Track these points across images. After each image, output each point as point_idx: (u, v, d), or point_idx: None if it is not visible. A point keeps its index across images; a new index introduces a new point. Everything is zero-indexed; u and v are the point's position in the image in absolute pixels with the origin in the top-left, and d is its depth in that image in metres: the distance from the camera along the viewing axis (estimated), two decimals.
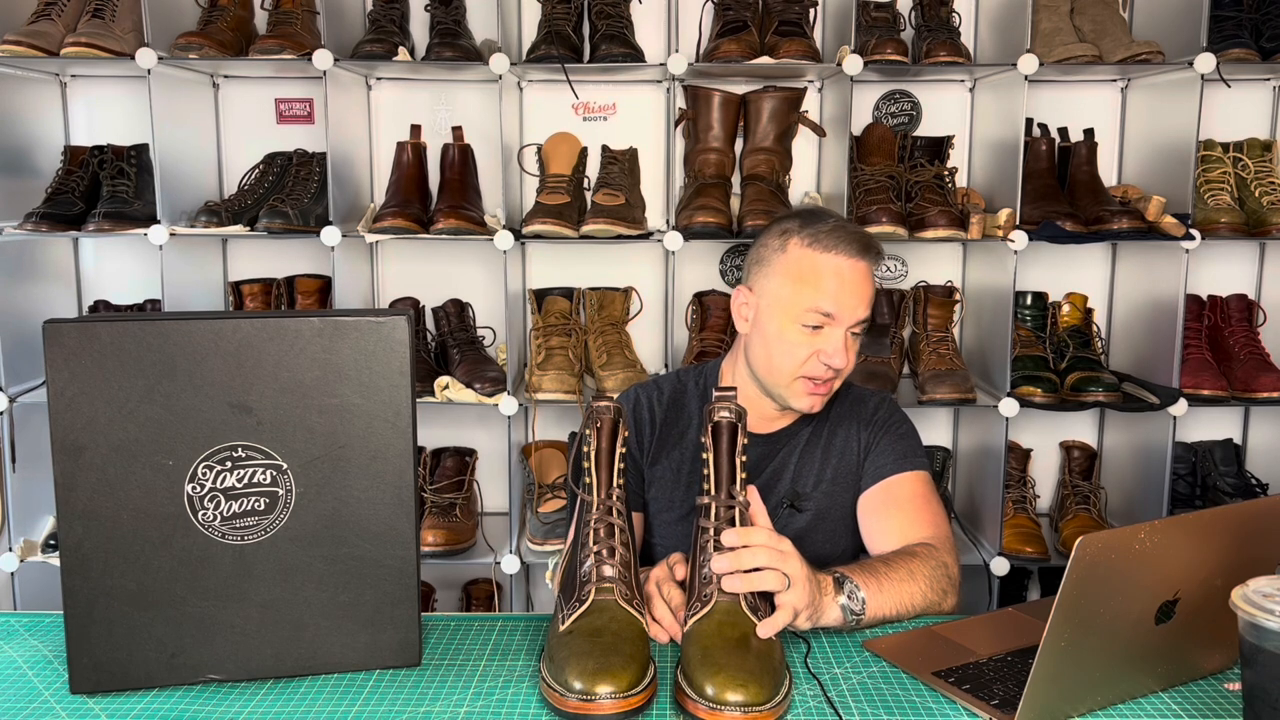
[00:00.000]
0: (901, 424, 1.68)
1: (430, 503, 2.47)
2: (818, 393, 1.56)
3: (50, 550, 2.45)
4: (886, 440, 1.65)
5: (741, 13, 2.41)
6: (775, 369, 1.56)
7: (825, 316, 1.52)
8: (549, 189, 2.46)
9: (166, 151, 2.38)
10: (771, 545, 1.24)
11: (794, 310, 1.53)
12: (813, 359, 1.53)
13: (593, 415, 1.31)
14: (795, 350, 1.53)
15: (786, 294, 1.54)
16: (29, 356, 2.44)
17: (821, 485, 1.64)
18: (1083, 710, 1.16)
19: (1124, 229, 2.35)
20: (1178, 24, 2.39)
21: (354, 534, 1.24)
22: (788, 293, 1.54)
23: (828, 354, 1.52)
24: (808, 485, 1.65)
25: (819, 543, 1.62)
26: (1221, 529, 1.18)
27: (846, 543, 1.67)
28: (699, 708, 1.11)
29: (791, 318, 1.53)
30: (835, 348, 1.52)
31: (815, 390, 1.56)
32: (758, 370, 1.60)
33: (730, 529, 1.24)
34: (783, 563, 1.24)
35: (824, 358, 1.52)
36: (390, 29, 2.42)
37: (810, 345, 1.53)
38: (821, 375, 1.54)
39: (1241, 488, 2.56)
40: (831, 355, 1.52)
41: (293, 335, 1.20)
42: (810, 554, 1.57)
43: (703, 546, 1.25)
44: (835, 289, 1.52)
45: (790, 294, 1.54)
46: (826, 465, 1.65)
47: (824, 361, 1.52)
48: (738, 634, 1.17)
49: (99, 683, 1.21)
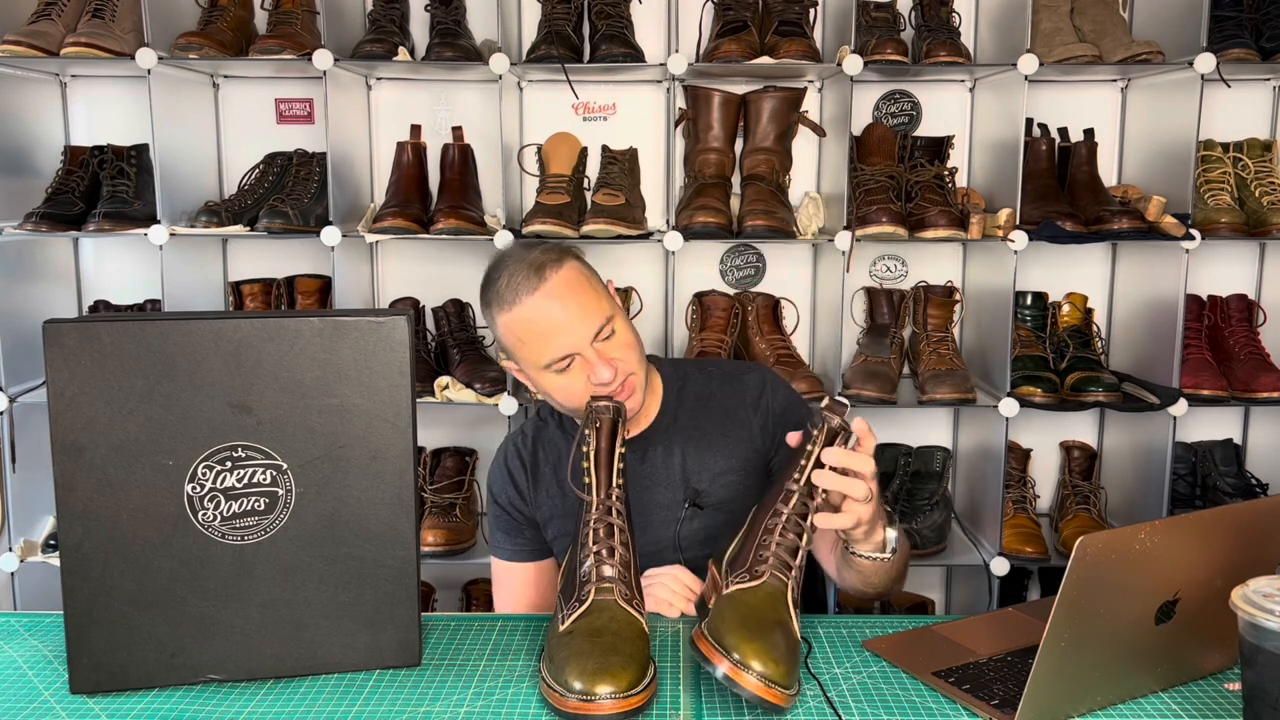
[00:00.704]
0: (797, 409, 1.65)
1: (430, 503, 2.47)
2: (624, 397, 1.51)
3: (50, 550, 2.45)
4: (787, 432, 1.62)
5: (741, 13, 2.41)
6: (574, 409, 1.53)
7: (561, 360, 1.49)
8: (549, 189, 2.46)
9: (166, 151, 2.38)
10: (872, 462, 1.29)
11: (539, 368, 1.51)
12: (588, 388, 1.49)
13: (592, 415, 1.31)
14: (570, 391, 1.50)
15: (523, 357, 1.52)
16: (29, 356, 2.44)
17: (720, 478, 1.60)
18: (1083, 710, 1.16)
19: (1124, 229, 2.35)
20: (1178, 24, 2.39)
21: (354, 534, 1.24)
22: (523, 356, 1.52)
23: (596, 376, 1.48)
24: (703, 481, 1.60)
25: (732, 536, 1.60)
26: (1221, 529, 1.18)
27: None
28: (724, 661, 1.11)
29: (541, 374, 1.51)
30: (596, 368, 1.48)
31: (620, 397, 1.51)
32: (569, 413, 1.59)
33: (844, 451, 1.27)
34: (871, 479, 1.29)
35: (595, 379, 1.48)
36: (390, 29, 2.42)
37: (578, 378, 1.50)
38: (609, 389, 1.50)
39: (1241, 488, 2.56)
40: (598, 373, 1.48)
41: (293, 335, 1.20)
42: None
43: (769, 528, 1.24)
44: (547, 331, 1.48)
45: (525, 356, 1.52)
46: (719, 455, 1.61)
47: (595, 383, 1.49)
48: (775, 617, 1.17)
49: (99, 683, 1.21)
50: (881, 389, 2.37)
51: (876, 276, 2.71)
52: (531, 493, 1.65)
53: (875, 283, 2.70)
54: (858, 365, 2.48)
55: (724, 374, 1.69)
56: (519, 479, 1.66)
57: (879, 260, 2.70)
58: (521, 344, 1.51)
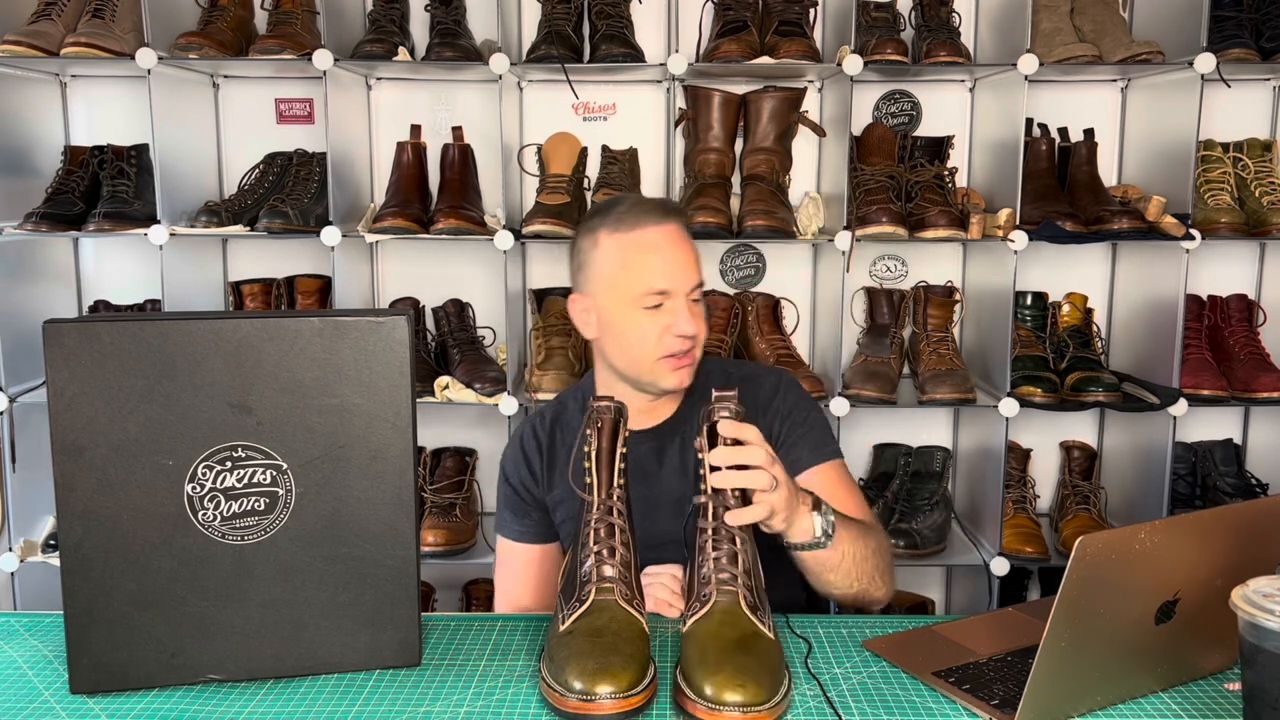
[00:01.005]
0: (806, 410, 1.65)
1: (430, 503, 2.47)
2: (682, 365, 1.55)
3: (50, 550, 2.45)
4: (797, 433, 1.62)
5: (741, 13, 2.41)
6: (635, 359, 1.56)
7: (660, 294, 1.52)
8: (549, 189, 2.46)
9: (166, 151, 2.38)
10: (764, 446, 1.28)
11: (630, 297, 1.53)
12: (665, 336, 1.52)
13: (593, 415, 1.31)
14: (645, 334, 1.53)
15: (617, 284, 1.54)
16: (29, 356, 2.44)
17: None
18: (1083, 710, 1.16)
19: (1124, 229, 2.35)
20: (1178, 24, 2.39)
21: (354, 534, 1.24)
22: (618, 283, 1.54)
23: (677, 326, 1.51)
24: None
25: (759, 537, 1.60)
26: (1221, 529, 1.18)
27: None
28: (698, 708, 1.11)
29: (630, 305, 1.53)
30: (682, 317, 1.51)
31: (679, 364, 1.55)
32: (619, 366, 1.59)
33: (727, 421, 1.26)
34: (771, 464, 1.28)
35: (675, 330, 1.51)
36: (390, 29, 2.43)
37: (658, 323, 1.52)
38: (679, 349, 1.53)
39: (1241, 488, 2.56)
40: (682, 325, 1.51)
41: (293, 335, 1.20)
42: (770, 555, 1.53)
43: (700, 547, 1.25)
44: (659, 262, 1.52)
45: (620, 283, 1.54)
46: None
47: (676, 334, 1.52)
48: (737, 634, 1.16)
49: (99, 683, 1.21)
50: (881, 389, 2.38)
51: (876, 276, 2.71)
52: (545, 475, 1.66)
53: (875, 283, 2.70)
54: (858, 365, 2.48)
55: (743, 374, 1.69)
56: (533, 461, 1.66)
57: (879, 260, 2.70)
58: (624, 269, 1.53)
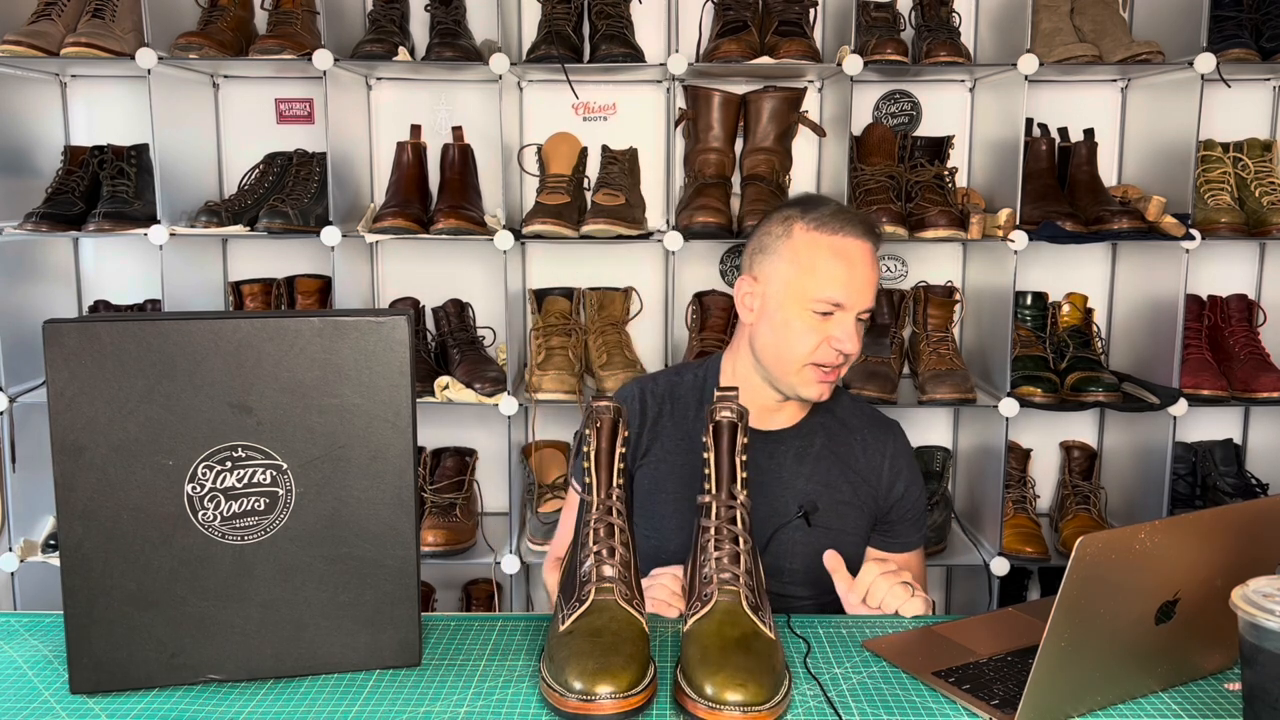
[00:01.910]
0: (919, 484, 1.71)
1: (430, 503, 2.47)
2: (827, 380, 1.56)
3: (50, 550, 2.45)
4: (912, 512, 1.69)
5: (741, 13, 2.41)
6: (785, 357, 1.55)
7: (835, 305, 1.52)
8: (549, 189, 2.46)
9: (166, 151, 2.38)
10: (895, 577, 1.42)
11: (804, 297, 1.52)
12: (823, 345, 1.52)
13: (593, 415, 1.31)
14: (806, 337, 1.53)
15: (795, 280, 1.53)
16: (29, 356, 2.44)
17: (839, 507, 1.62)
18: (1083, 710, 1.16)
19: (1124, 229, 2.35)
20: (1178, 24, 2.39)
21: (354, 534, 1.24)
22: (796, 279, 1.53)
23: (839, 339, 1.51)
24: (823, 501, 1.61)
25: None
26: (1221, 529, 1.18)
27: (855, 568, 1.66)
28: (698, 707, 1.11)
29: (802, 304, 1.52)
30: (846, 333, 1.51)
31: (825, 378, 1.55)
32: (764, 359, 1.59)
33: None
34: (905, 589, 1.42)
35: (835, 344, 1.52)
36: (390, 29, 2.42)
37: (820, 332, 1.52)
38: (832, 362, 1.53)
39: (1241, 488, 2.56)
40: (843, 341, 1.51)
41: (293, 335, 1.20)
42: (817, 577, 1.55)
43: (703, 546, 1.25)
44: (845, 274, 1.52)
45: (800, 280, 1.53)
46: (844, 482, 1.64)
47: (835, 348, 1.52)
48: (737, 634, 1.16)
49: (99, 683, 1.21)
50: (881, 389, 2.38)
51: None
52: (640, 442, 1.65)
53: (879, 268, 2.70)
54: (858, 365, 2.48)
55: (874, 419, 1.72)
56: (634, 424, 1.66)
57: (879, 260, 2.70)
58: (810, 269, 1.52)
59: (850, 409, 1.71)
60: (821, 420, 1.67)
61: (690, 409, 1.67)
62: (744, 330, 1.63)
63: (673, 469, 1.64)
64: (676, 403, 1.68)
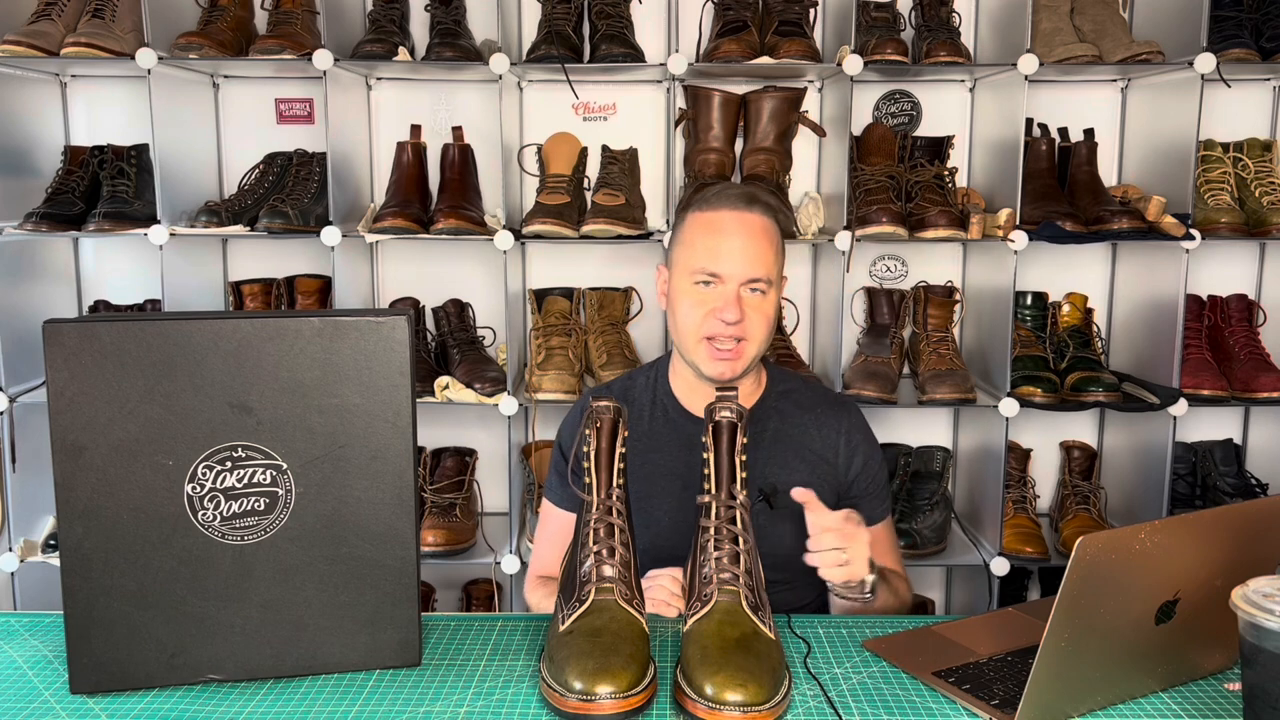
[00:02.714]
0: (877, 461, 1.74)
1: (430, 503, 2.47)
2: (723, 357, 1.58)
3: (50, 550, 2.45)
4: (873, 483, 1.71)
5: (741, 13, 2.41)
6: (681, 334, 1.60)
7: (711, 275, 1.56)
8: (549, 189, 2.46)
9: (166, 151, 2.38)
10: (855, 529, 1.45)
11: (685, 271, 1.59)
12: (709, 317, 1.56)
13: (593, 415, 1.31)
14: (692, 311, 1.57)
15: (680, 258, 1.61)
16: (29, 356, 2.44)
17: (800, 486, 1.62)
18: (1083, 710, 1.16)
19: (1124, 229, 2.35)
20: (1178, 24, 2.39)
21: (354, 534, 1.24)
22: (681, 257, 1.61)
23: (719, 309, 1.55)
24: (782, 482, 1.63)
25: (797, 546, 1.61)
26: (1221, 529, 1.18)
27: None
28: (698, 707, 1.11)
29: (685, 279, 1.58)
30: (726, 302, 1.55)
31: (720, 355, 1.58)
32: (675, 341, 1.64)
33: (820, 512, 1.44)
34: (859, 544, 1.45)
35: (717, 314, 1.55)
36: (390, 29, 2.42)
37: (704, 303, 1.56)
38: (721, 333, 1.56)
39: (1241, 488, 2.56)
40: (723, 310, 1.54)
41: (293, 335, 1.20)
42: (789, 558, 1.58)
43: (703, 546, 1.25)
44: (715, 244, 1.57)
45: (682, 257, 1.60)
46: (801, 464, 1.66)
47: (718, 317, 1.55)
48: (737, 634, 1.16)
49: (99, 683, 1.21)
50: (881, 389, 2.38)
51: (876, 276, 2.71)
52: None
53: (875, 283, 2.70)
54: (858, 365, 2.48)
55: (827, 398, 1.76)
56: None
57: (879, 260, 2.70)
58: (689, 245, 1.59)
59: (803, 391, 1.74)
60: (775, 405, 1.69)
61: (645, 410, 1.71)
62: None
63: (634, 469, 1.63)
64: (632, 405, 1.71)
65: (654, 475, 1.63)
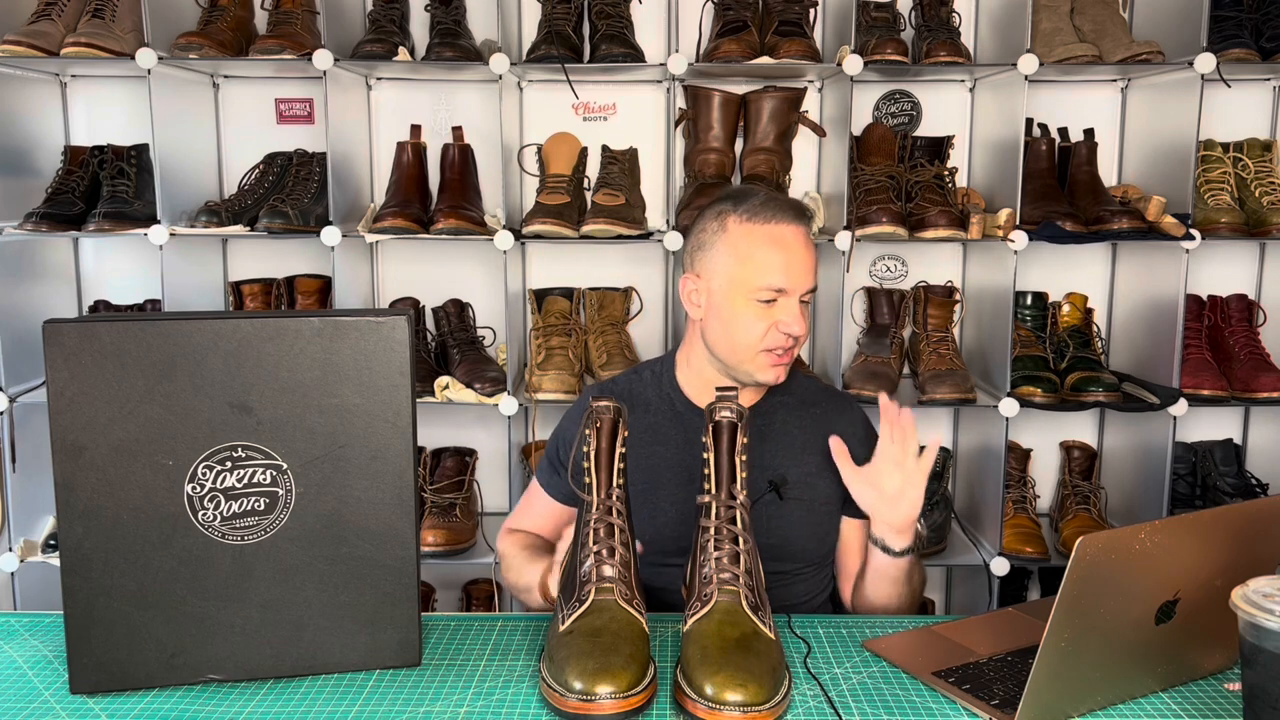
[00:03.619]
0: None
1: (430, 503, 2.47)
2: (781, 363, 1.59)
3: (50, 550, 2.45)
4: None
5: (741, 13, 2.41)
6: (737, 347, 1.59)
7: (778, 291, 1.55)
8: (549, 189, 2.46)
9: (166, 151, 2.38)
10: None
11: (748, 288, 1.56)
12: (771, 331, 1.56)
13: (592, 415, 1.31)
14: (754, 325, 1.56)
15: (737, 272, 1.57)
16: (29, 356, 2.44)
17: (809, 478, 1.64)
18: (1083, 710, 1.16)
19: (1124, 229, 2.35)
20: (1178, 24, 2.39)
21: (354, 534, 1.24)
22: (739, 272, 1.57)
23: (785, 324, 1.55)
24: (792, 475, 1.63)
25: (805, 536, 1.62)
26: (1221, 529, 1.18)
27: (832, 540, 1.67)
28: (698, 707, 1.11)
29: (746, 295, 1.56)
30: (793, 317, 1.55)
31: (778, 361, 1.59)
32: (718, 351, 1.62)
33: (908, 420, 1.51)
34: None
35: (783, 328, 1.55)
36: (390, 29, 2.42)
37: (767, 319, 1.56)
38: (782, 345, 1.57)
39: (1241, 488, 2.56)
40: (790, 324, 1.55)
41: (293, 335, 1.20)
42: (798, 548, 1.58)
43: (703, 546, 1.25)
44: (783, 260, 1.55)
45: (740, 272, 1.57)
46: (809, 454, 1.65)
47: (783, 331, 1.55)
48: (737, 634, 1.17)
49: (99, 683, 1.21)
50: (881, 389, 2.37)
51: (876, 276, 2.71)
52: None
53: (875, 283, 2.70)
54: (858, 365, 2.48)
55: (833, 393, 1.78)
56: None
57: (879, 260, 2.70)
58: (747, 259, 1.56)
59: (806, 386, 1.74)
60: (781, 399, 1.69)
61: (650, 405, 1.70)
62: (694, 326, 1.67)
63: (637, 466, 1.64)
64: (636, 400, 1.71)
65: (660, 469, 1.63)
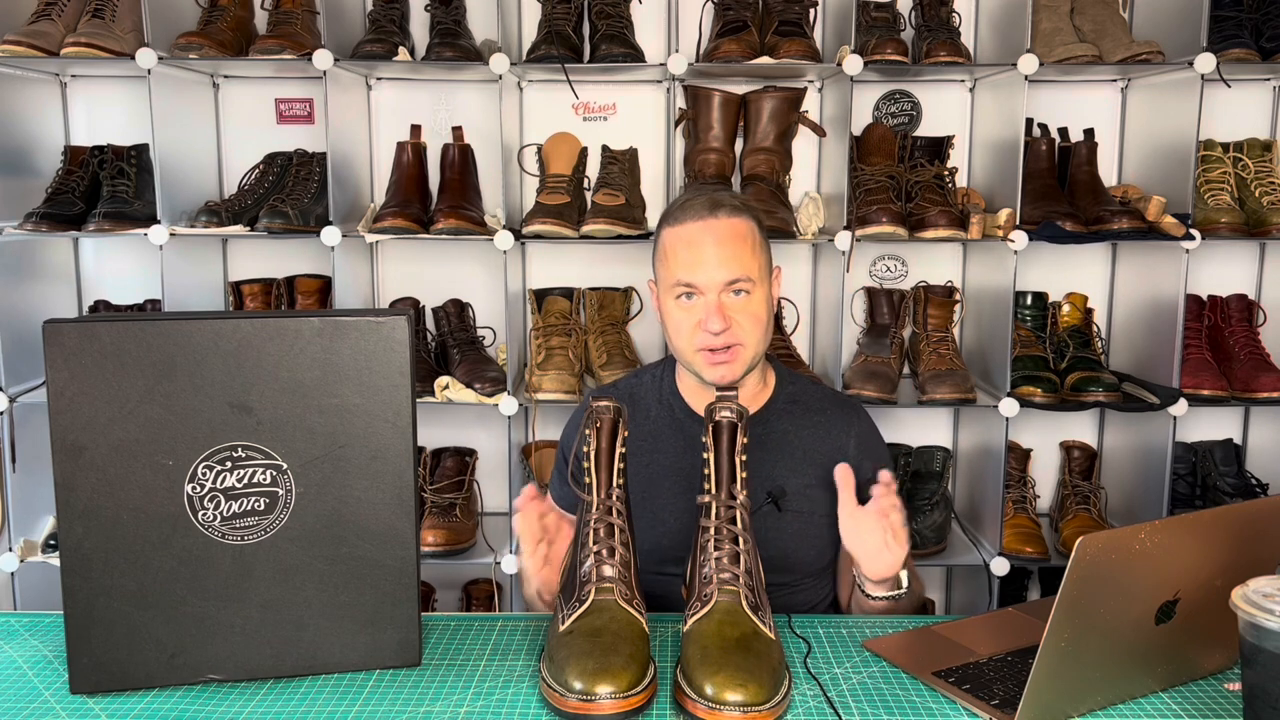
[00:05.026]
0: (887, 459, 1.73)
1: (430, 503, 2.47)
2: (719, 361, 1.57)
3: (50, 550, 2.45)
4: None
5: (741, 13, 2.41)
6: (677, 347, 1.62)
7: (687, 287, 1.56)
8: (549, 189, 2.46)
9: (166, 151, 2.38)
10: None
11: (666, 287, 1.60)
12: (697, 330, 1.56)
13: (593, 415, 1.31)
14: (681, 325, 1.58)
15: (661, 274, 1.63)
16: (29, 356, 2.44)
17: (807, 490, 1.63)
18: (1083, 710, 1.16)
19: (1124, 229, 2.35)
20: (1178, 24, 2.39)
21: (354, 534, 1.24)
22: (661, 272, 1.62)
23: (704, 321, 1.55)
24: (789, 484, 1.63)
25: (804, 548, 1.62)
26: (1221, 529, 1.18)
27: (831, 552, 1.66)
28: (698, 707, 1.11)
29: (669, 295, 1.60)
30: (708, 312, 1.54)
31: (715, 360, 1.57)
32: (674, 353, 1.66)
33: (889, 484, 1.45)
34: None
35: (702, 325, 1.55)
36: (390, 29, 2.42)
37: (690, 316, 1.57)
38: (710, 344, 1.56)
39: (1241, 488, 2.56)
40: (708, 321, 1.54)
41: (293, 335, 1.20)
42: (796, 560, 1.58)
43: (703, 546, 1.25)
44: (687, 258, 1.56)
45: (661, 274, 1.62)
46: (809, 465, 1.64)
47: (704, 329, 1.55)
48: (737, 634, 1.17)
49: (99, 683, 1.21)
50: (881, 389, 2.38)
51: (876, 276, 2.71)
52: None
53: (875, 283, 2.70)
54: (858, 365, 2.48)
55: (836, 400, 1.76)
56: None
57: (879, 260, 2.70)
58: (665, 260, 1.60)
59: (811, 392, 1.73)
60: (782, 406, 1.68)
61: (651, 408, 1.70)
62: None
63: (639, 468, 1.64)
64: (638, 404, 1.71)
65: (659, 474, 1.63)
